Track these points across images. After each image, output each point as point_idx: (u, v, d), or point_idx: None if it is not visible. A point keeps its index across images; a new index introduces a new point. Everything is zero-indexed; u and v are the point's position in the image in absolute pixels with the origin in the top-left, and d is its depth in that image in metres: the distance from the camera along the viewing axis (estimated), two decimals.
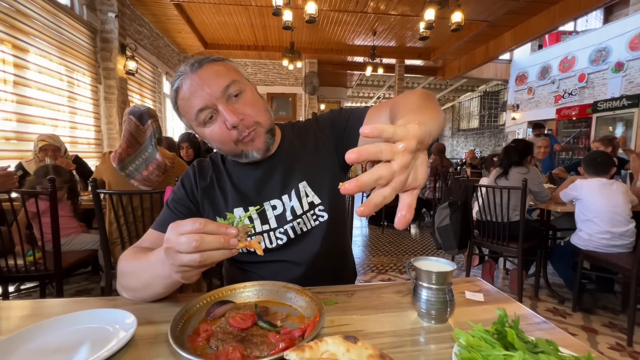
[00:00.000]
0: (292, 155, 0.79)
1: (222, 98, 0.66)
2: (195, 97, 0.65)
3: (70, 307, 0.60)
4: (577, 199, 2.14)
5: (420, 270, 0.56)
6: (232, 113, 0.65)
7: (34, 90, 3.05)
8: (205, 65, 0.67)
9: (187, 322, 0.53)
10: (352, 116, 0.78)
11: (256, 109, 0.69)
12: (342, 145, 0.79)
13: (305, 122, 0.88)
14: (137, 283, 0.61)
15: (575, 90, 8.14)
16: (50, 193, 1.49)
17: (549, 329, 0.53)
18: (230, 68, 0.70)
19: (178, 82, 0.68)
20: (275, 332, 0.50)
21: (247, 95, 0.69)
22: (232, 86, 0.66)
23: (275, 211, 0.77)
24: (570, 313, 2.19)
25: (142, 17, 5.49)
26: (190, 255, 0.46)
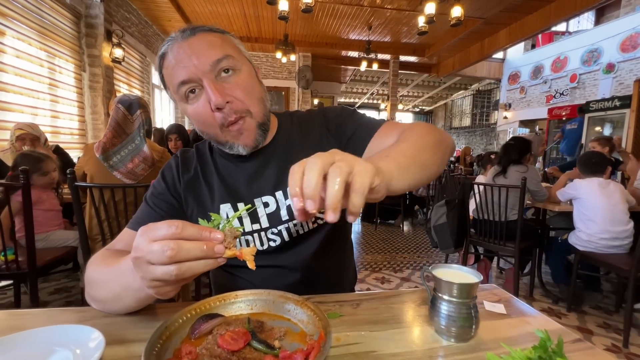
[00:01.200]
0: (290, 147, 0.70)
1: (210, 73, 0.57)
2: (180, 67, 0.56)
3: (28, 321, 0.50)
4: (576, 198, 2.11)
5: (441, 281, 0.48)
6: (218, 92, 0.56)
7: (11, 76, 2.87)
8: (198, 34, 0.58)
9: (166, 342, 0.44)
10: (362, 126, 0.69)
11: (249, 95, 0.60)
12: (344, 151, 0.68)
13: (308, 112, 0.78)
14: (106, 294, 0.51)
15: (566, 91, 8.22)
16: (23, 185, 1.37)
17: (585, 349, 0.47)
18: (227, 41, 0.61)
19: (165, 47, 0.59)
20: (272, 355, 0.42)
21: (242, 75, 0.60)
22: (224, 61, 0.57)
23: (267, 209, 0.68)
24: (565, 313, 2.18)
25: (130, 3, 5.27)
26: (164, 267, 0.36)
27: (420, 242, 3.85)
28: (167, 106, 7.32)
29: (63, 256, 1.75)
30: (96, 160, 1.59)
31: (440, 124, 15.85)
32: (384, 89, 11.58)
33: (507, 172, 2.33)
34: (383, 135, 0.65)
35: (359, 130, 0.69)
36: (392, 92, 8.12)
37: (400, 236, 4.11)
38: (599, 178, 2.08)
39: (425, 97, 14.02)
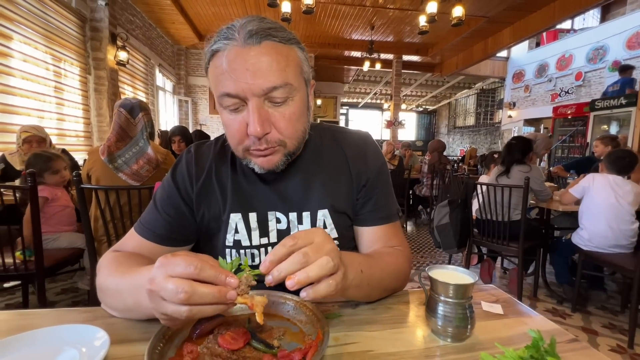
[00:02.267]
0: (313, 169, 0.66)
1: (260, 97, 0.51)
2: (231, 79, 0.50)
3: (36, 321, 0.52)
4: (588, 190, 2.08)
5: (436, 282, 0.49)
6: (260, 122, 0.51)
7: (18, 80, 2.92)
8: (265, 43, 0.50)
9: (168, 342, 0.45)
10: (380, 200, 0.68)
11: (292, 127, 0.55)
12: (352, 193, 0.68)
13: (350, 136, 0.70)
14: (119, 304, 0.52)
15: (572, 89, 8.15)
16: (30, 187, 1.39)
17: (580, 349, 0.47)
18: (292, 59, 0.53)
19: (221, 44, 0.51)
20: (271, 354, 0.43)
21: (293, 106, 0.54)
22: (280, 90, 0.51)
23: (279, 225, 0.65)
24: (569, 314, 2.16)
25: (134, 6, 5.33)
26: (176, 306, 0.37)
27: (423, 242, 3.84)
28: (170, 108, 7.38)
29: (70, 257, 1.78)
30: (102, 163, 1.62)
31: (444, 123, 15.80)
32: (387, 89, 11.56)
33: (510, 172, 2.32)
34: (385, 234, 0.67)
35: (372, 204, 0.67)
36: (395, 92, 8.11)
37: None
38: (616, 176, 2.04)
39: (428, 97, 13.97)
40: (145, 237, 0.62)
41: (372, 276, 0.54)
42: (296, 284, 0.39)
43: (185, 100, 7.74)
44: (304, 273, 0.39)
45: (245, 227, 0.64)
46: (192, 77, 7.90)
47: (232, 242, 0.64)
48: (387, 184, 0.70)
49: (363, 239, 0.68)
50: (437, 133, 16.25)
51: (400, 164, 4.61)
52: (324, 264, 0.40)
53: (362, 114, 15.99)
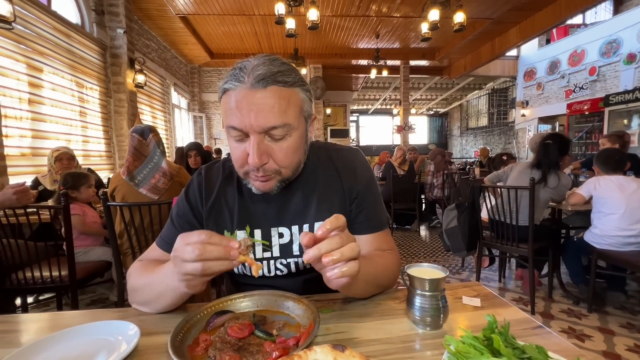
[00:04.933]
0: (313, 185, 0.73)
1: (261, 134, 0.59)
2: (236, 116, 0.58)
3: (79, 320, 0.62)
4: (595, 193, 2.08)
5: (413, 278, 0.56)
6: (258, 154, 0.58)
7: (48, 107, 3.18)
8: (270, 88, 0.57)
9: (187, 333, 0.55)
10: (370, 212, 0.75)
11: (288, 159, 0.62)
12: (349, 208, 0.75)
13: (341, 153, 0.78)
14: (150, 295, 0.62)
15: (586, 84, 7.97)
16: (64, 207, 1.54)
17: (544, 334, 0.53)
18: (293, 104, 0.60)
19: (231, 85, 0.59)
20: (270, 341, 0.51)
21: (290, 141, 0.61)
22: (279, 129, 0.59)
23: (281, 239, 0.72)
24: (585, 314, 2.13)
25: (150, 31, 5.65)
26: (192, 263, 0.48)
27: (436, 246, 3.84)
28: (186, 124, 7.68)
29: (99, 269, 1.92)
30: (124, 184, 1.77)
31: (456, 125, 15.63)
32: (396, 94, 11.60)
33: (547, 180, 2.15)
34: (376, 241, 0.74)
35: (364, 214, 0.74)
36: (404, 97, 8.15)
37: (417, 241, 4.11)
38: (619, 175, 2.06)
39: (439, 100, 13.90)
40: (165, 250, 0.72)
41: (367, 273, 0.61)
42: (331, 262, 0.46)
43: (200, 116, 8.04)
44: (339, 253, 0.47)
45: (249, 233, 0.73)
46: (205, 94, 8.22)
47: None
48: (376, 196, 0.77)
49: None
50: (450, 135, 16.08)
51: (411, 168, 4.64)
52: (354, 248, 0.48)
53: (373, 120, 16.03)
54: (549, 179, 2.18)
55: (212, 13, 5.32)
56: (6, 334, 0.59)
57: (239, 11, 5.28)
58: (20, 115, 2.84)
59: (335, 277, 0.48)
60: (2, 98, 2.54)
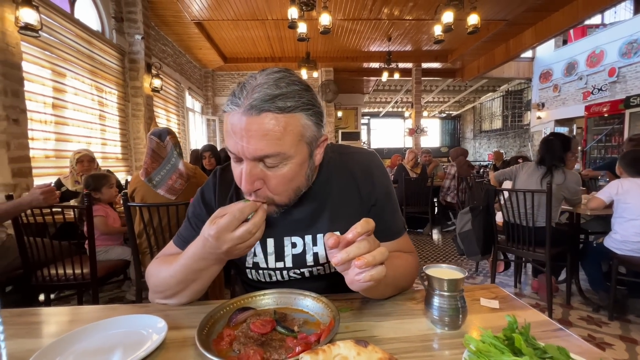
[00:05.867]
0: (326, 194, 0.72)
1: (253, 161, 0.57)
2: (232, 140, 0.56)
3: (107, 313, 0.65)
4: (617, 196, 2.02)
5: (432, 278, 0.57)
6: (249, 181, 0.57)
7: (70, 111, 3.30)
8: (264, 114, 0.54)
9: (211, 327, 0.57)
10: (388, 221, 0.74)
11: (281, 187, 0.60)
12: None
13: (357, 157, 0.76)
14: (176, 284, 0.64)
15: (605, 86, 7.75)
16: (87, 207, 1.60)
17: (564, 336, 0.53)
18: (291, 132, 0.56)
19: (228, 108, 0.57)
20: (292, 336, 0.53)
21: (284, 170, 0.58)
22: (271, 158, 0.56)
23: (294, 249, 0.71)
24: (606, 322, 2.07)
25: (166, 36, 5.81)
26: (242, 228, 0.54)
27: (449, 250, 3.80)
28: (200, 127, 7.82)
29: (118, 268, 1.98)
30: (143, 185, 1.82)
31: (469, 127, 15.41)
32: (408, 97, 11.53)
33: (553, 174, 2.16)
34: (395, 247, 0.74)
35: (382, 222, 0.71)
36: (416, 100, 8.10)
37: (430, 245, 4.07)
38: None
39: (451, 102, 13.74)
40: (182, 248, 0.72)
41: (387, 275, 0.61)
42: (364, 264, 0.47)
43: (213, 119, 8.18)
44: (372, 256, 0.48)
45: (262, 251, 0.72)
46: (219, 97, 8.36)
47: (252, 264, 0.73)
48: (394, 203, 0.77)
49: None
50: (463, 138, 15.86)
51: (423, 172, 4.60)
52: (384, 252, 0.50)
53: (384, 123, 15.96)
54: (555, 174, 2.16)
55: (226, 18, 5.42)
56: (36, 325, 0.63)
57: (252, 16, 5.36)
58: (45, 119, 2.96)
59: (363, 281, 0.48)
60: (29, 103, 2.65)
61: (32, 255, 1.65)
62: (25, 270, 1.66)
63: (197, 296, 0.68)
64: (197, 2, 4.82)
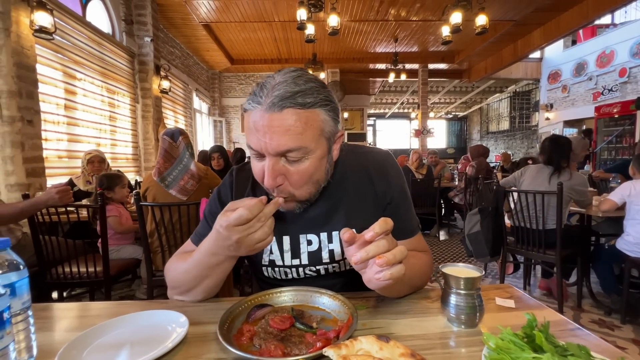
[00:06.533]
0: (342, 193, 0.73)
1: (275, 156, 0.58)
2: (254, 137, 0.58)
3: (126, 309, 0.67)
4: (630, 198, 2.00)
5: (449, 276, 0.57)
6: (272, 176, 0.58)
7: (81, 112, 3.35)
8: (286, 111, 0.55)
9: (231, 323, 0.58)
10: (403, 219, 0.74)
11: (302, 182, 0.61)
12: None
13: (372, 156, 0.77)
14: (192, 280, 0.65)
15: (615, 86, 7.64)
16: (100, 206, 1.63)
17: (583, 336, 0.53)
18: (312, 126, 0.58)
19: (250, 106, 0.58)
20: (311, 332, 0.54)
21: (306, 164, 0.60)
22: (294, 152, 0.58)
23: (310, 247, 0.72)
24: (618, 325, 2.05)
25: (174, 39, 5.88)
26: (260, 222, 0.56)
27: (457, 252, 3.77)
28: (207, 128, 7.89)
29: (129, 266, 2.01)
30: (155, 185, 1.85)
31: (476, 129, 15.30)
32: (414, 98, 11.49)
33: (561, 172, 2.15)
34: (410, 246, 0.72)
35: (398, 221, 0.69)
36: (422, 101, 8.07)
37: (437, 246, 4.05)
38: None
39: (458, 103, 13.66)
40: (195, 242, 0.75)
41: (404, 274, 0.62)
42: (385, 263, 0.48)
43: (220, 120, 8.24)
44: (392, 254, 0.49)
45: (278, 248, 0.73)
46: (225, 99, 8.43)
47: (268, 262, 0.74)
48: (409, 201, 0.77)
49: None
50: (469, 139, 15.74)
51: (429, 173, 4.58)
52: (403, 251, 0.50)
53: (390, 124, 15.92)
54: (562, 172, 2.16)
55: (234, 20, 5.47)
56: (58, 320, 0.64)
57: (259, 18, 5.40)
58: (58, 120, 3.01)
59: (383, 279, 0.49)
60: (42, 104, 2.71)
61: (47, 253, 1.69)
62: (41, 268, 1.70)
63: (211, 293, 0.69)
64: (205, 4, 4.87)
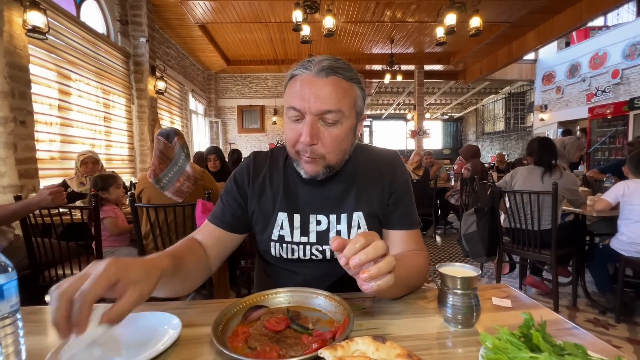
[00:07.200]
0: (352, 179, 0.78)
1: (316, 116, 0.66)
2: (298, 98, 0.65)
3: None
4: (623, 198, 2.02)
5: (446, 276, 0.57)
6: (310, 135, 0.65)
7: (75, 113, 3.32)
8: (331, 77, 0.65)
9: (226, 325, 0.57)
10: (405, 211, 0.79)
11: (334, 145, 0.68)
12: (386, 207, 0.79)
13: (383, 152, 0.84)
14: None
15: (608, 88, 7.73)
16: (94, 207, 1.61)
17: (579, 335, 0.53)
18: (349, 93, 0.68)
19: (298, 71, 0.68)
20: (307, 334, 0.53)
21: (340, 129, 0.68)
22: (332, 114, 0.65)
23: (319, 226, 0.76)
24: (613, 324, 2.06)
25: (170, 39, 5.85)
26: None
27: (453, 252, 3.78)
28: (203, 129, 7.85)
29: None
30: (150, 186, 1.83)
31: (471, 130, 15.39)
32: (410, 99, 11.54)
33: (552, 171, 2.19)
34: (409, 238, 0.78)
35: (400, 210, 0.79)
36: (418, 102, 8.10)
37: (433, 246, 4.06)
38: None
39: (453, 104, 13.74)
40: (214, 223, 0.79)
41: (399, 276, 0.61)
42: (369, 278, 0.47)
43: (216, 121, 8.22)
44: (377, 269, 0.47)
45: (289, 224, 0.77)
46: (221, 100, 8.40)
47: (277, 237, 0.77)
48: (411, 196, 0.82)
49: (390, 240, 0.79)
50: (465, 140, 15.83)
51: (426, 174, 4.59)
52: (390, 262, 0.49)
53: (386, 125, 15.96)
54: (553, 172, 2.20)
55: (230, 21, 5.45)
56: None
57: (255, 19, 5.40)
58: (51, 121, 2.98)
59: (370, 290, 0.48)
60: (35, 105, 2.68)
61: (39, 255, 1.66)
62: (33, 271, 1.67)
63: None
64: (201, 5, 4.85)
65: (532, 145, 2.34)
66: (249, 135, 8.47)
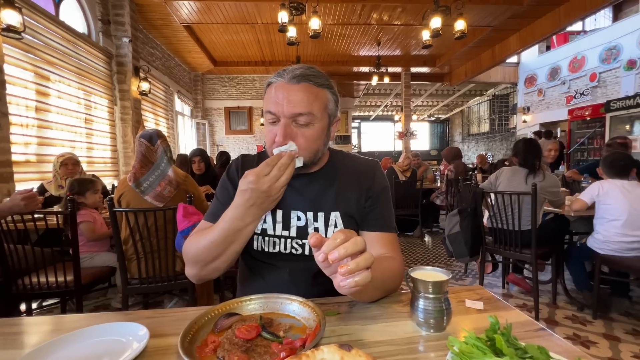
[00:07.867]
0: (331, 180, 0.83)
1: (289, 119, 0.71)
2: (274, 102, 0.71)
3: (89, 322, 0.64)
4: (599, 197, 2.08)
5: (417, 280, 0.57)
6: (283, 135, 0.70)
7: (54, 115, 3.22)
8: (302, 84, 0.71)
9: (196, 334, 0.56)
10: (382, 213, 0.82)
11: (307, 144, 0.73)
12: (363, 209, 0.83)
13: (363, 160, 0.90)
14: (215, 248, 0.70)
15: (587, 90, 8.00)
16: (70, 212, 1.56)
17: (546, 336, 0.54)
18: (320, 98, 0.73)
19: (274, 79, 0.74)
20: (277, 342, 0.52)
21: (311, 130, 0.73)
22: (304, 116, 0.71)
23: (299, 222, 0.81)
24: (590, 320, 2.12)
25: (154, 39, 5.74)
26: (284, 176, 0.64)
27: (439, 252, 3.83)
28: (189, 131, 7.74)
29: (103, 275, 1.93)
30: (130, 190, 1.78)
31: (457, 131, 15.66)
32: (398, 101, 11.67)
33: (536, 173, 2.23)
34: (384, 241, 0.80)
35: (376, 213, 0.82)
36: (405, 104, 8.20)
37: (420, 247, 4.10)
38: (623, 180, 2.06)
39: (440, 106, 13.96)
40: (210, 221, 0.81)
41: (376, 279, 0.61)
42: (347, 272, 0.48)
43: (203, 123, 8.11)
44: (355, 264, 0.48)
45: (272, 219, 0.81)
46: (208, 101, 8.30)
47: (260, 230, 0.81)
48: (389, 202, 0.85)
49: (366, 241, 0.78)
50: (452, 141, 16.10)
51: (413, 175, 4.64)
52: (369, 257, 0.50)
53: (374, 126, 16.09)
54: (537, 173, 2.24)
55: (216, 22, 5.40)
56: (16, 336, 0.60)
57: (242, 20, 5.36)
58: (27, 123, 2.88)
59: (348, 287, 0.49)
60: (10, 106, 2.58)
61: (12, 263, 1.60)
62: (5, 279, 1.61)
63: (233, 261, 0.74)
64: (186, 5, 4.79)
65: (518, 146, 2.38)
66: (237, 137, 8.40)
